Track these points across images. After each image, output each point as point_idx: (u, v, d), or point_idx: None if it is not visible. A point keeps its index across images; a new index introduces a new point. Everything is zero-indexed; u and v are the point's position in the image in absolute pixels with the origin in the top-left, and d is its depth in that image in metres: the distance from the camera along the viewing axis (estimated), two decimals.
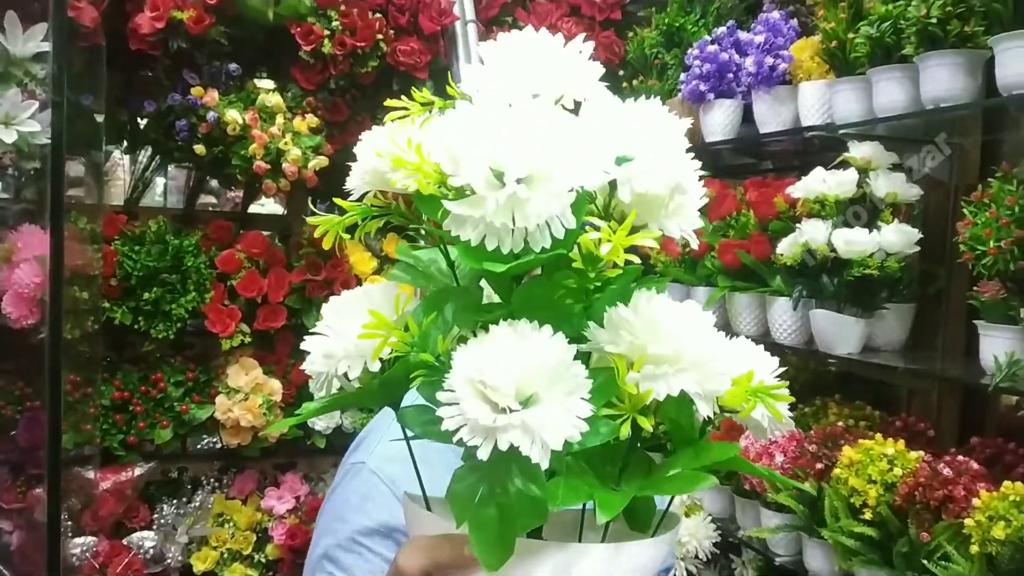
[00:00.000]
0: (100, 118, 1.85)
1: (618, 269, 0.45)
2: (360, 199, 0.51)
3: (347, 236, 0.52)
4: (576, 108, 0.49)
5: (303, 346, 0.51)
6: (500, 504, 0.44)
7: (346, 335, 0.49)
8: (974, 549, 1.27)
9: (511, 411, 0.42)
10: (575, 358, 0.45)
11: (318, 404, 0.53)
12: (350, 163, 0.50)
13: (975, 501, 1.30)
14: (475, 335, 0.46)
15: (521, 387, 0.42)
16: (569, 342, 0.45)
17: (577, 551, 0.47)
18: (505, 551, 0.44)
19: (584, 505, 0.51)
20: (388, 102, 0.52)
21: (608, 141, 0.45)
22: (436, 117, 0.48)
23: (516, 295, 0.47)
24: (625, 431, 0.44)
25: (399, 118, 0.50)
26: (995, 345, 1.39)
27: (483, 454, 0.42)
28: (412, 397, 0.51)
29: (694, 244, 0.49)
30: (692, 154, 0.47)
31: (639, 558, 0.48)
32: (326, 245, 0.52)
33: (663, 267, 2.08)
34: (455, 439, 0.43)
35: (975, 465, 1.42)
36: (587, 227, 0.45)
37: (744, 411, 0.45)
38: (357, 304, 0.51)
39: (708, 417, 0.47)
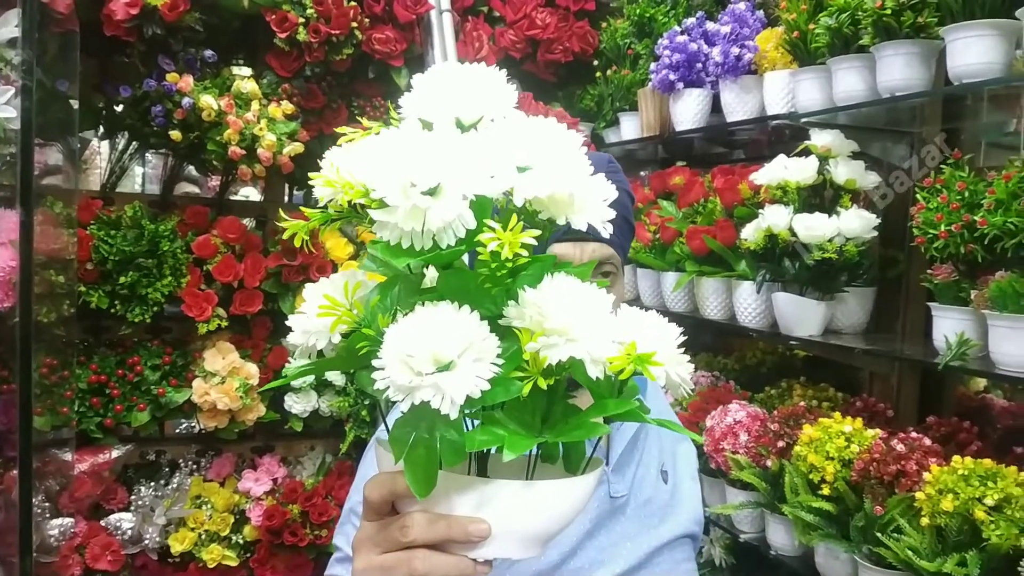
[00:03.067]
0: (75, 104, 1.85)
1: (526, 259, 0.53)
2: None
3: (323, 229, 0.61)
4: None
5: (288, 323, 0.60)
6: (427, 446, 0.54)
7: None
8: (924, 521, 1.32)
9: (425, 374, 0.50)
10: (505, 330, 0.54)
11: (299, 368, 0.63)
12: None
13: (926, 475, 1.35)
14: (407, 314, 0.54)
15: (437, 355, 0.51)
16: (494, 318, 0.54)
17: (496, 486, 0.56)
18: (430, 483, 0.54)
19: (530, 453, 0.60)
20: (338, 128, 0.61)
21: (510, 155, 0.53)
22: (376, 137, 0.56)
23: (441, 280, 0.56)
24: (527, 389, 0.53)
25: (348, 141, 0.58)
26: (947, 326, 1.44)
27: (404, 407, 0.52)
28: None
29: (604, 234, 0.57)
30: (588, 161, 0.55)
31: (550, 494, 0.57)
32: (296, 244, 0.61)
33: (633, 253, 2.11)
34: (382, 397, 0.52)
35: (927, 441, 1.47)
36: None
37: (624, 373, 0.54)
38: (328, 288, 0.60)
39: (617, 378, 0.55)
